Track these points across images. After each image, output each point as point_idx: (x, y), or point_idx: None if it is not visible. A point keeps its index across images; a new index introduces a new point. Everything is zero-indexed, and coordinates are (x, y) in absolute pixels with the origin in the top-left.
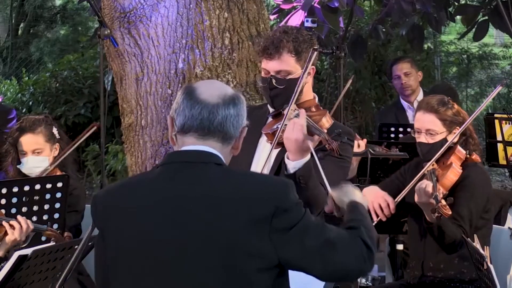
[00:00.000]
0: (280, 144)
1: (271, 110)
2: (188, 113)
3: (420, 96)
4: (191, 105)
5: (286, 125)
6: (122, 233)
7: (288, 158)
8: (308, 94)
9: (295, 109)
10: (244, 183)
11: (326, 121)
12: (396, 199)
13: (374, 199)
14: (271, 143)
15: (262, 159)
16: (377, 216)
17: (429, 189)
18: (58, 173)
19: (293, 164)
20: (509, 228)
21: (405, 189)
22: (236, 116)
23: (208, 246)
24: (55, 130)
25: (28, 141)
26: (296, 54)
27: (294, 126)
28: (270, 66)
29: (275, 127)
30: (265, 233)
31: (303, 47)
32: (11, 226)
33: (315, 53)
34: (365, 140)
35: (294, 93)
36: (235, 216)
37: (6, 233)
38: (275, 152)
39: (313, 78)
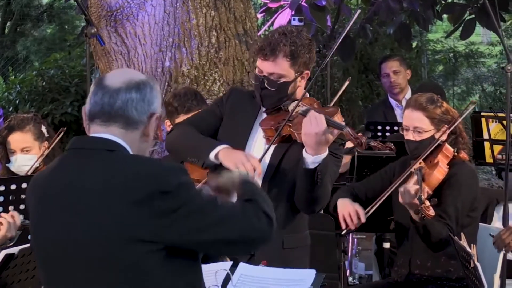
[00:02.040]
0: (282, 138)
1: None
2: (92, 100)
3: (408, 94)
4: (95, 92)
5: (290, 121)
6: (32, 220)
7: (306, 152)
8: (300, 95)
9: (301, 104)
10: (127, 168)
11: (337, 119)
12: (367, 211)
13: (344, 209)
14: (267, 138)
15: (257, 154)
16: (346, 225)
17: (413, 190)
18: None
19: (312, 159)
20: (490, 234)
21: (390, 186)
22: (141, 100)
23: (89, 235)
24: (44, 129)
25: (16, 139)
26: (292, 58)
27: (311, 120)
28: (264, 66)
29: (272, 122)
30: (145, 216)
31: (299, 52)
32: None
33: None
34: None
35: (304, 91)
36: (114, 202)
37: None
38: (272, 147)
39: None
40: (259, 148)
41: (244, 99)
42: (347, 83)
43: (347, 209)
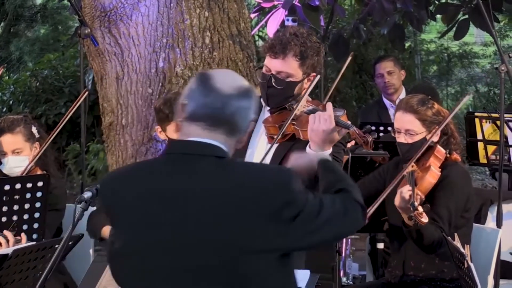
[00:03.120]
0: (285, 137)
1: (263, 104)
2: (201, 100)
3: (402, 95)
4: (205, 93)
5: (294, 119)
6: (127, 220)
7: (310, 148)
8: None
9: (306, 105)
10: (248, 176)
11: (344, 120)
12: (373, 205)
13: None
14: (269, 136)
15: (260, 153)
16: None
17: (407, 196)
18: (39, 172)
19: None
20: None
21: (385, 191)
22: (248, 109)
23: (207, 244)
24: (34, 129)
25: (7, 141)
26: (301, 59)
27: (320, 117)
28: (272, 64)
29: (276, 121)
30: (272, 226)
31: (309, 53)
32: None
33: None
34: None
35: (306, 89)
36: (237, 213)
37: None
38: (274, 146)
39: None
40: (261, 147)
41: None
42: (349, 58)
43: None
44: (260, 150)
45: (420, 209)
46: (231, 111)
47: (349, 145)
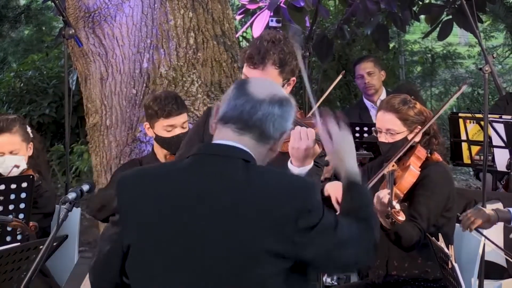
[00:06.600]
0: None
1: None
2: (232, 103)
3: (383, 95)
4: (237, 96)
5: None
6: (146, 219)
7: (291, 163)
8: None
9: None
10: (269, 182)
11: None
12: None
13: (337, 191)
14: None
15: None
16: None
17: (386, 200)
18: (30, 173)
19: (298, 171)
20: (458, 215)
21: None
22: (280, 117)
23: (226, 244)
24: (28, 129)
25: (5, 141)
26: (280, 66)
27: (302, 134)
28: (252, 74)
29: None
30: (288, 234)
31: (287, 60)
32: None
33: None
34: None
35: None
36: (257, 216)
37: None
38: None
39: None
40: None
41: None
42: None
43: (339, 194)
44: None
45: (398, 207)
46: (259, 116)
47: None
